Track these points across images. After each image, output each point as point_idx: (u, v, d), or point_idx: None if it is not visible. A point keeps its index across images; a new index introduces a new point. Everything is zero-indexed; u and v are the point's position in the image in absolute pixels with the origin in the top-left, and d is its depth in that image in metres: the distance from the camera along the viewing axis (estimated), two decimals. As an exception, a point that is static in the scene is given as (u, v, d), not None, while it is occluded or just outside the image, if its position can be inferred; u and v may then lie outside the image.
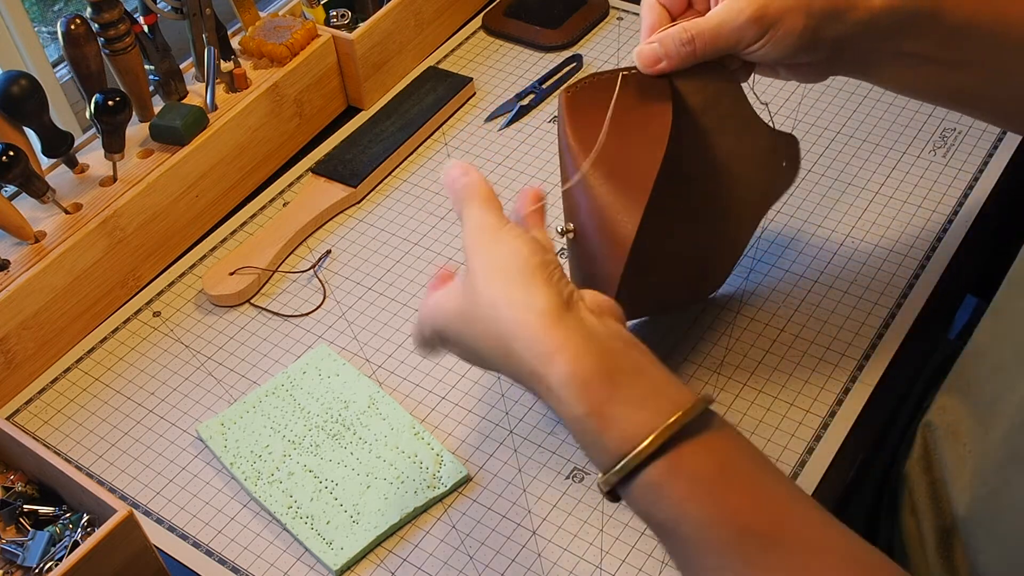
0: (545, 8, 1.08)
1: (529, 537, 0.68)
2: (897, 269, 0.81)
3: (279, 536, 0.69)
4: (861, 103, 0.95)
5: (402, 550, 0.68)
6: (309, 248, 0.89)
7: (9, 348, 0.78)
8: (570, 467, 0.72)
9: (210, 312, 0.85)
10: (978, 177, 0.87)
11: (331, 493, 0.70)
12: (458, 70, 1.04)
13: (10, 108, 0.79)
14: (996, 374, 0.62)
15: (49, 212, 0.82)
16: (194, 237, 0.91)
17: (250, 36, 0.95)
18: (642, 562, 0.66)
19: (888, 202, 0.86)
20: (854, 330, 0.77)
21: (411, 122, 0.98)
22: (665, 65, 0.62)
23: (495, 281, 0.53)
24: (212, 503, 0.72)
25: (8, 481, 0.71)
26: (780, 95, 0.97)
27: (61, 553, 0.66)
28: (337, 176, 0.93)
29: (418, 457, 0.71)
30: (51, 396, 0.80)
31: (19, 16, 1.00)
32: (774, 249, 0.84)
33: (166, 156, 0.87)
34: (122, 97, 0.81)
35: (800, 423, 0.72)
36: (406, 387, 0.78)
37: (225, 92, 0.92)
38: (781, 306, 0.80)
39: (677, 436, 0.48)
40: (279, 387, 0.77)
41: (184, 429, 0.77)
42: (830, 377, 0.75)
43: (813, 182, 0.89)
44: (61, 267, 0.80)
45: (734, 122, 0.67)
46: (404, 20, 1.01)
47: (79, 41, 0.81)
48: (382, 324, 0.82)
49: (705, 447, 0.49)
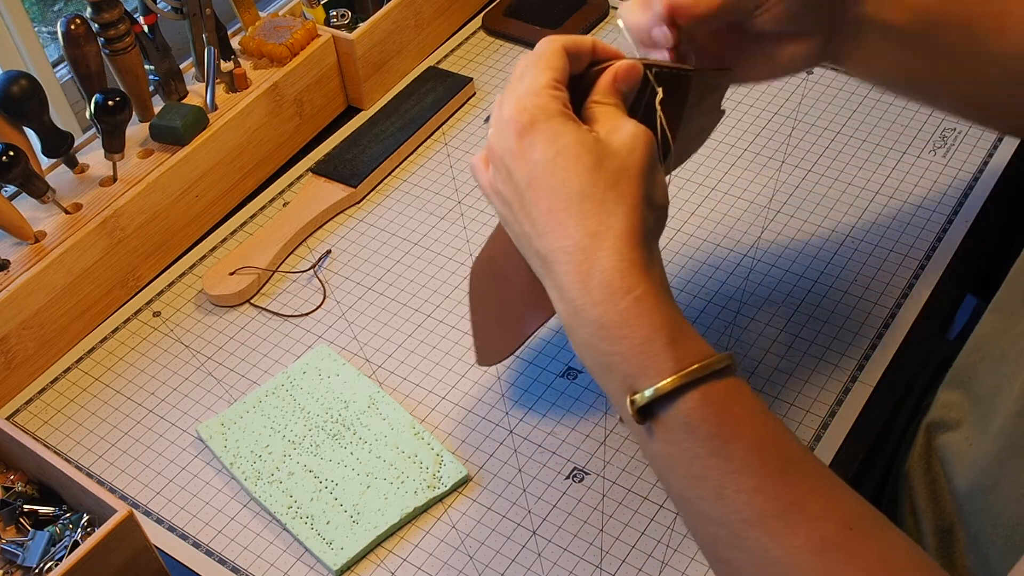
0: (545, 8, 1.08)
1: (529, 537, 0.68)
2: (897, 269, 0.81)
3: (279, 536, 0.69)
4: (861, 103, 0.95)
5: (402, 550, 0.68)
6: (309, 248, 0.89)
7: (9, 348, 0.78)
8: (570, 467, 0.72)
9: (210, 312, 0.85)
10: (978, 177, 0.88)
11: (331, 493, 0.70)
12: (458, 70, 1.04)
13: (10, 108, 0.79)
14: (997, 366, 0.63)
15: (49, 212, 0.82)
16: (194, 237, 0.91)
17: (250, 36, 0.95)
18: (642, 562, 0.66)
19: (888, 202, 0.86)
20: (854, 330, 0.77)
21: (411, 122, 0.98)
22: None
23: (635, 162, 0.52)
24: (212, 503, 0.72)
25: (8, 481, 0.71)
26: (780, 95, 0.97)
27: (61, 553, 0.66)
28: (337, 176, 0.93)
29: (418, 457, 0.71)
30: (51, 396, 0.80)
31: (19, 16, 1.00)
32: (774, 249, 0.84)
33: (166, 156, 0.87)
34: (122, 97, 0.81)
35: (800, 423, 0.72)
36: (406, 387, 0.78)
37: (225, 92, 0.92)
38: (781, 306, 0.80)
39: (731, 367, 0.50)
40: (279, 387, 0.77)
41: (184, 429, 0.77)
42: (830, 377, 0.75)
43: (813, 182, 0.89)
44: (61, 267, 0.80)
45: (704, 110, 0.65)
46: (404, 20, 1.01)
47: (79, 41, 0.81)
48: (382, 324, 0.82)
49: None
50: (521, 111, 0.52)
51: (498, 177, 0.54)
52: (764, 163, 0.91)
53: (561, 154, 0.51)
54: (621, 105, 0.55)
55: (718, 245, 0.85)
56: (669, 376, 0.49)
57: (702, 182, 0.90)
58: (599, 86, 0.55)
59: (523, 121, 0.52)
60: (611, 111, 0.54)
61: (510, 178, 0.53)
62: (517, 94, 0.53)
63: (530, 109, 0.52)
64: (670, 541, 0.67)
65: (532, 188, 0.52)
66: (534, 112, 0.52)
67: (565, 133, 0.51)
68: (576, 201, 0.50)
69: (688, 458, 0.49)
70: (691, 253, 0.84)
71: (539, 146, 0.51)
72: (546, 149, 0.51)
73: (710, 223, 0.87)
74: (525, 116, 0.52)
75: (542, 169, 0.51)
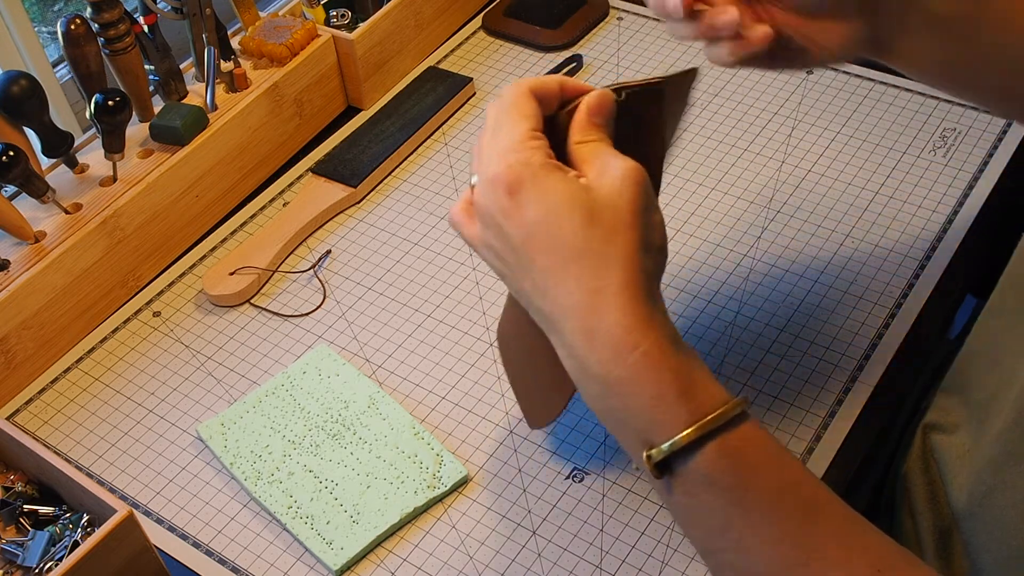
0: (545, 8, 1.08)
1: (529, 537, 0.68)
2: (897, 269, 0.81)
3: (279, 536, 0.69)
4: (861, 103, 0.95)
5: (402, 550, 0.68)
6: (309, 248, 0.89)
7: (9, 348, 0.78)
8: (570, 467, 0.72)
9: (210, 312, 0.85)
10: (978, 177, 0.88)
11: (331, 493, 0.70)
12: (458, 70, 1.04)
13: (10, 108, 0.79)
14: (993, 371, 0.62)
15: (49, 212, 0.82)
16: (194, 237, 0.91)
17: (250, 36, 0.95)
18: (642, 562, 0.66)
19: (888, 202, 0.86)
20: (854, 330, 0.77)
21: (411, 122, 0.98)
22: None
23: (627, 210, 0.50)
24: (212, 503, 0.72)
25: (8, 481, 0.71)
26: (780, 95, 0.97)
27: (61, 553, 0.66)
28: (337, 176, 0.93)
29: (418, 457, 0.71)
30: (51, 396, 0.80)
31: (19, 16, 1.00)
32: (774, 249, 0.84)
33: (166, 156, 0.87)
34: (122, 97, 0.81)
35: (800, 423, 0.72)
36: (406, 387, 0.78)
37: (225, 92, 0.92)
38: (781, 306, 0.80)
39: (745, 412, 0.49)
40: (279, 387, 0.77)
41: (184, 429, 0.77)
42: (830, 377, 0.75)
43: (813, 182, 0.89)
44: (61, 267, 0.80)
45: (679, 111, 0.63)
46: (404, 20, 1.01)
47: (79, 41, 0.81)
48: (382, 324, 0.82)
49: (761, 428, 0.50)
50: (507, 168, 0.51)
51: (489, 234, 0.53)
52: (764, 163, 0.91)
53: (552, 212, 0.50)
54: (605, 138, 0.53)
55: (718, 245, 0.85)
56: (684, 429, 0.48)
57: (702, 182, 0.90)
58: (576, 124, 0.54)
59: (510, 179, 0.50)
60: (596, 148, 0.52)
61: (502, 235, 0.52)
62: (498, 149, 0.52)
63: (514, 166, 0.50)
64: (670, 541, 0.67)
65: (527, 247, 0.51)
66: (518, 169, 0.50)
67: (554, 188, 0.50)
68: (573, 259, 0.49)
69: (708, 510, 0.49)
70: (691, 253, 0.84)
71: (531, 205, 0.50)
72: (538, 207, 0.50)
73: (710, 223, 0.87)
74: (511, 174, 0.50)
75: (536, 228, 0.50)
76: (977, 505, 0.61)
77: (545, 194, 0.50)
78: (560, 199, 0.50)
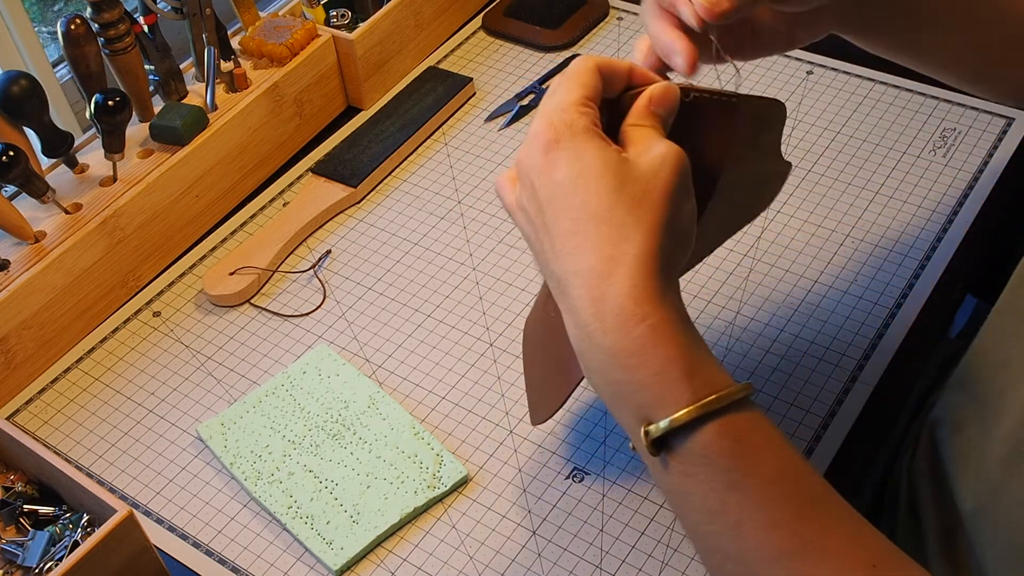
0: (545, 8, 1.08)
1: (529, 537, 0.68)
2: (897, 269, 0.81)
3: (279, 536, 0.69)
4: (861, 103, 0.95)
5: (402, 550, 0.68)
6: (309, 248, 0.89)
7: (9, 348, 0.78)
8: (570, 467, 0.72)
9: (210, 312, 0.85)
10: (978, 177, 0.88)
11: (331, 493, 0.70)
12: (458, 70, 1.04)
13: (10, 108, 0.79)
14: (1001, 370, 0.62)
15: (49, 212, 0.82)
16: (194, 237, 0.91)
17: (250, 36, 0.95)
18: (642, 562, 0.66)
19: (888, 202, 0.86)
20: (854, 330, 0.77)
21: (411, 122, 0.98)
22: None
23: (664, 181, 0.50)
24: (212, 503, 0.72)
25: (8, 481, 0.71)
26: (780, 95, 0.97)
27: (61, 553, 0.66)
28: (337, 176, 0.93)
29: (418, 457, 0.71)
30: (51, 396, 0.80)
31: (19, 16, 1.00)
32: (774, 249, 0.84)
33: (166, 156, 0.87)
34: (122, 97, 0.81)
35: (800, 423, 0.72)
36: (406, 387, 0.78)
37: (225, 92, 0.92)
38: (781, 306, 0.80)
39: (749, 398, 0.49)
40: (279, 387, 0.77)
41: (184, 429, 0.77)
42: (830, 377, 0.75)
43: (813, 182, 0.89)
44: (61, 267, 0.80)
45: (757, 151, 0.61)
46: (404, 20, 1.01)
47: (79, 41, 0.81)
48: (382, 324, 0.82)
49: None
50: (548, 126, 0.51)
51: (524, 193, 0.53)
52: (764, 163, 0.91)
53: (583, 174, 0.50)
54: (659, 127, 0.53)
55: (718, 245, 0.85)
56: (685, 407, 0.47)
57: (702, 182, 0.90)
58: (634, 109, 0.53)
59: (549, 137, 0.51)
60: (646, 132, 0.52)
61: (534, 194, 0.52)
62: (547, 109, 0.52)
63: (556, 125, 0.51)
64: (670, 541, 0.67)
65: (553, 207, 0.51)
66: (560, 128, 0.51)
67: (589, 152, 0.50)
68: (594, 223, 0.49)
69: (704, 491, 0.48)
70: (691, 253, 0.84)
71: (563, 164, 0.50)
72: (570, 167, 0.50)
73: (710, 223, 0.87)
74: (551, 132, 0.51)
75: (564, 188, 0.50)
76: (984, 503, 0.61)
77: (579, 156, 0.50)
78: (592, 163, 0.50)
